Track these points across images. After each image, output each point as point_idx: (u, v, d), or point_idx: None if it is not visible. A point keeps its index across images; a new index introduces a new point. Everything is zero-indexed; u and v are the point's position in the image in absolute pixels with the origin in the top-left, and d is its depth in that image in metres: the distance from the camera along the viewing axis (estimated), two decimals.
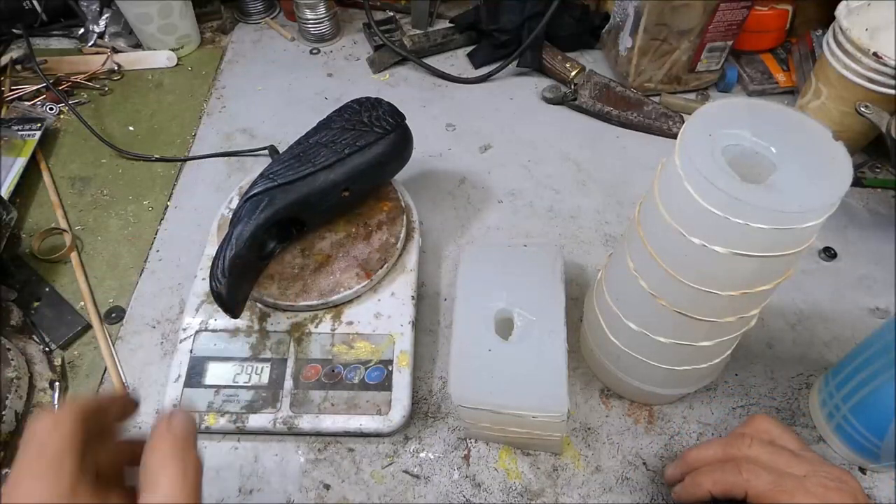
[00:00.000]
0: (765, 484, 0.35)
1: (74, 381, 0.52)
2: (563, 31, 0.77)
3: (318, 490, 0.46)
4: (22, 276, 0.57)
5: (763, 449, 0.38)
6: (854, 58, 0.56)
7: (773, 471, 0.36)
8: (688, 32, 0.67)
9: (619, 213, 0.63)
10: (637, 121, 0.71)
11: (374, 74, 0.79)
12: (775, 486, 0.35)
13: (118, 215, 0.64)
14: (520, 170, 0.67)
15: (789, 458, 0.37)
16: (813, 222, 0.30)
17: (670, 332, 0.39)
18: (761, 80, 0.74)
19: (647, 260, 0.37)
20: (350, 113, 0.53)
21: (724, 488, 0.37)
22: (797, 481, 0.35)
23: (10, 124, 0.69)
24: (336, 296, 0.50)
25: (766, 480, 0.35)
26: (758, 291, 0.34)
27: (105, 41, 0.82)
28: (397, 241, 0.54)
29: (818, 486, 0.34)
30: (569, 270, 0.58)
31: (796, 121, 0.33)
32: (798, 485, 0.35)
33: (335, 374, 0.48)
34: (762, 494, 0.35)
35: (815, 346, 0.53)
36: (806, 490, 0.34)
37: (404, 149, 0.54)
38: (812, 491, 0.34)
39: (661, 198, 0.34)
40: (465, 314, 0.45)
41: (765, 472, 0.36)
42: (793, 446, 0.38)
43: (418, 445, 0.48)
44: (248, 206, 0.48)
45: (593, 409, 0.49)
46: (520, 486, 0.45)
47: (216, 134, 0.72)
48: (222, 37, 0.86)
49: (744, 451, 0.38)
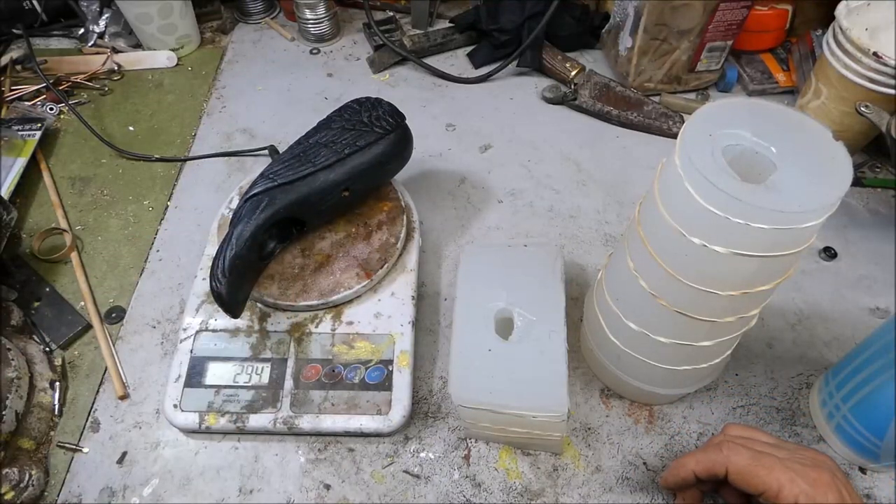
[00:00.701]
0: (745, 459, 0.37)
1: (74, 381, 0.52)
2: (563, 31, 0.77)
3: (318, 490, 0.46)
4: (22, 276, 0.57)
5: (740, 432, 0.40)
6: (854, 58, 0.56)
7: (752, 449, 0.37)
8: (688, 32, 0.67)
9: (619, 213, 0.63)
10: (637, 121, 0.71)
11: (374, 74, 0.79)
12: (754, 461, 0.36)
13: (118, 215, 0.64)
14: (520, 170, 0.67)
15: (766, 445, 0.38)
16: (813, 222, 0.30)
17: (670, 332, 0.39)
18: (761, 80, 0.74)
19: (647, 260, 0.37)
20: (350, 113, 0.53)
21: (706, 466, 0.38)
22: (776, 459, 0.36)
23: (10, 124, 0.69)
24: (336, 296, 0.50)
25: (745, 456, 0.37)
26: (758, 291, 0.34)
27: (105, 41, 0.82)
28: (397, 241, 0.54)
29: (796, 464, 0.36)
30: (569, 270, 0.58)
31: (796, 121, 0.33)
32: (777, 461, 0.36)
33: (335, 374, 0.48)
34: (742, 470, 0.37)
35: (815, 346, 0.53)
36: (785, 466, 0.36)
37: (404, 149, 0.54)
38: (791, 467, 0.36)
39: (661, 198, 0.34)
40: (465, 314, 0.45)
41: (745, 450, 0.37)
42: (768, 439, 0.39)
43: (418, 445, 0.48)
44: (248, 206, 0.48)
45: (593, 409, 0.49)
46: (520, 486, 0.46)
47: (216, 134, 0.72)
48: (222, 37, 0.86)
49: (723, 436, 0.40)
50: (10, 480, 0.44)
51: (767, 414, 0.49)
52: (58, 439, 0.48)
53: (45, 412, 0.49)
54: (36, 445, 0.47)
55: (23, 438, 0.47)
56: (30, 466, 0.45)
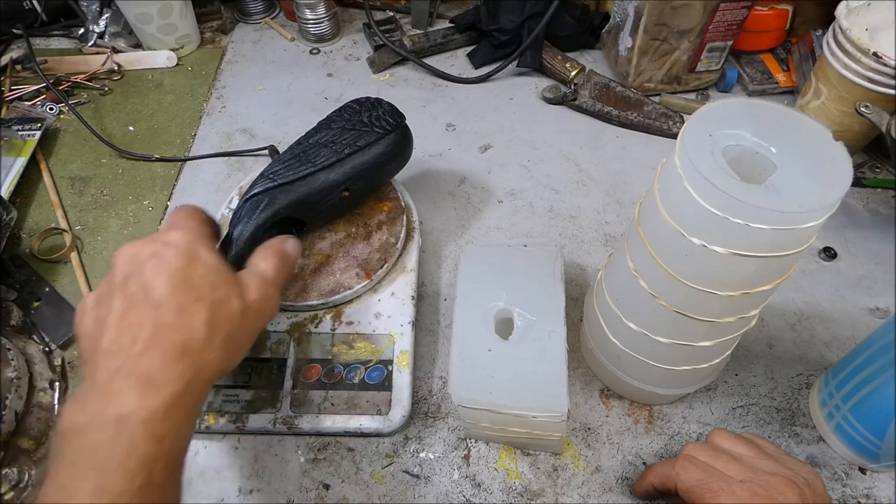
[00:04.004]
0: (693, 480, 0.37)
1: (74, 381, 0.52)
2: (563, 31, 0.77)
3: (317, 490, 0.46)
4: (22, 276, 0.57)
5: (704, 450, 0.39)
6: (854, 58, 0.56)
7: (707, 470, 0.37)
8: (688, 32, 0.67)
9: (619, 213, 0.63)
10: (637, 121, 0.71)
11: (374, 74, 0.79)
12: (701, 484, 0.37)
13: (118, 215, 0.64)
14: (520, 170, 0.67)
15: (729, 462, 0.38)
16: (813, 223, 0.30)
17: (670, 332, 0.39)
18: (761, 80, 0.74)
19: (647, 260, 0.37)
20: (350, 113, 0.53)
21: (661, 480, 0.40)
22: (726, 483, 0.36)
23: (10, 124, 0.69)
24: (336, 296, 0.50)
25: (694, 477, 0.37)
26: (758, 292, 0.34)
27: (105, 41, 0.82)
28: (397, 241, 0.54)
29: (746, 492, 0.35)
30: (569, 270, 0.58)
31: (796, 121, 0.33)
32: (726, 486, 0.36)
33: (335, 373, 0.48)
34: (689, 490, 0.37)
35: (815, 346, 0.53)
36: (733, 492, 0.35)
37: (404, 149, 0.54)
38: (739, 495, 0.35)
39: (661, 198, 0.34)
40: (465, 314, 0.45)
41: (696, 470, 0.37)
42: (748, 453, 0.39)
43: (418, 445, 0.48)
44: (248, 206, 0.48)
45: (593, 409, 0.49)
46: (520, 486, 0.45)
47: (216, 134, 0.72)
48: (222, 37, 0.86)
49: (686, 450, 0.40)
50: (9, 480, 0.44)
51: (767, 414, 0.49)
52: None
53: (45, 412, 0.49)
54: (35, 445, 0.47)
55: (22, 438, 0.47)
56: (29, 466, 0.45)
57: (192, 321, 0.33)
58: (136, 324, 0.32)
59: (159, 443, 0.30)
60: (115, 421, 0.29)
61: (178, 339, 0.32)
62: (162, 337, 0.32)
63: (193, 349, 0.33)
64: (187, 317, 0.33)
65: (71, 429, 0.30)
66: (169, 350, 0.32)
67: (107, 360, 0.31)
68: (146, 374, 0.31)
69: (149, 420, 0.30)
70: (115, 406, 0.30)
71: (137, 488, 0.28)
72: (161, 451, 0.30)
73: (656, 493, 0.42)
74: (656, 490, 0.41)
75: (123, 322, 0.32)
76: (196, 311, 0.33)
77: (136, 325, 0.32)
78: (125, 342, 0.32)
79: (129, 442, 0.29)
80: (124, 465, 0.28)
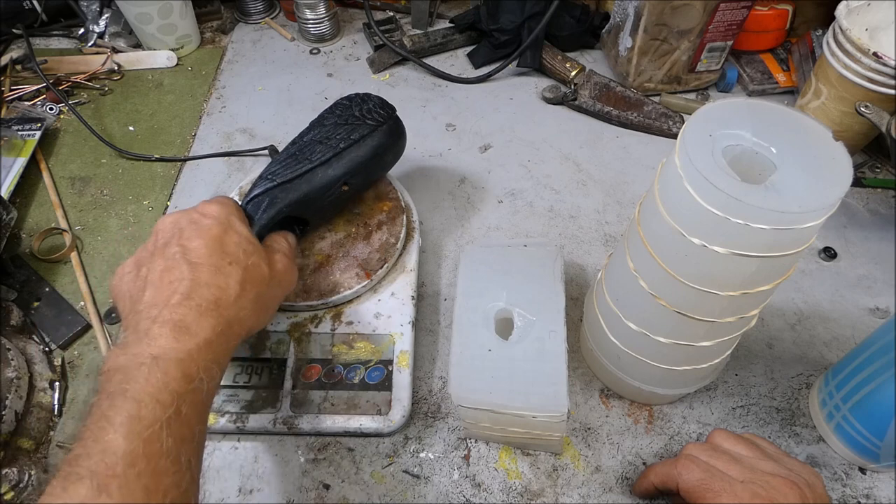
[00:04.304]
0: (694, 479, 0.37)
1: (74, 381, 0.52)
2: (563, 31, 0.77)
3: (317, 490, 0.46)
4: (22, 276, 0.57)
5: (705, 450, 0.39)
6: (854, 58, 0.56)
7: (708, 470, 0.37)
8: (688, 32, 0.67)
9: (619, 213, 0.63)
10: (637, 121, 0.71)
11: (374, 74, 0.79)
12: (702, 484, 0.37)
13: (118, 215, 0.64)
14: (520, 170, 0.67)
15: (730, 463, 0.38)
16: (813, 223, 0.30)
17: (670, 332, 0.39)
18: (761, 80, 0.74)
19: (647, 260, 0.37)
20: (341, 109, 0.53)
21: (662, 479, 0.40)
22: (727, 483, 0.36)
23: (10, 124, 0.69)
24: (336, 296, 0.50)
25: (696, 476, 0.37)
26: (758, 292, 0.34)
27: (105, 41, 0.82)
28: (397, 241, 0.54)
29: (747, 493, 0.35)
30: (569, 270, 0.58)
31: (796, 121, 0.33)
32: (727, 487, 0.36)
33: (335, 374, 0.48)
34: (690, 490, 0.37)
35: (815, 346, 0.53)
36: (734, 493, 0.35)
37: (398, 139, 0.55)
38: (740, 495, 0.35)
39: (661, 198, 0.34)
40: (465, 314, 0.45)
41: (697, 469, 0.37)
42: (749, 453, 0.39)
43: (418, 445, 0.48)
44: (249, 208, 0.48)
45: (593, 409, 0.49)
46: (520, 486, 0.45)
47: (216, 134, 0.72)
48: (222, 37, 0.86)
49: (687, 449, 0.40)
50: (9, 480, 0.44)
51: (767, 414, 0.49)
52: (57, 439, 0.48)
53: (45, 412, 0.49)
54: (35, 445, 0.47)
55: (22, 438, 0.47)
56: (29, 466, 0.45)
57: (227, 280, 0.38)
58: (175, 279, 0.36)
59: (189, 381, 0.33)
60: (151, 359, 0.33)
61: (213, 295, 0.36)
62: (198, 291, 0.36)
63: (226, 304, 0.37)
64: (223, 276, 0.37)
65: (113, 367, 0.33)
66: (203, 304, 0.36)
67: (148, 311, 0.35)
68: (182, 322, 0.35)
69: (181, 360, 0.33)
70: (152, 347, 0.33)
71: (168, 418, 0.31)
72: (190, 389, 0.33)
73: (657, 492, 0.42)
74: (657, 490, 0.41)
75: (164, 279, 0.36)
76: (230, 273, 0.38)
77: (175, 281, 0.36)
78: (165, 295, 0.36)
79: (164, 377, 0.32)
80: (157, 397, 0.32)
